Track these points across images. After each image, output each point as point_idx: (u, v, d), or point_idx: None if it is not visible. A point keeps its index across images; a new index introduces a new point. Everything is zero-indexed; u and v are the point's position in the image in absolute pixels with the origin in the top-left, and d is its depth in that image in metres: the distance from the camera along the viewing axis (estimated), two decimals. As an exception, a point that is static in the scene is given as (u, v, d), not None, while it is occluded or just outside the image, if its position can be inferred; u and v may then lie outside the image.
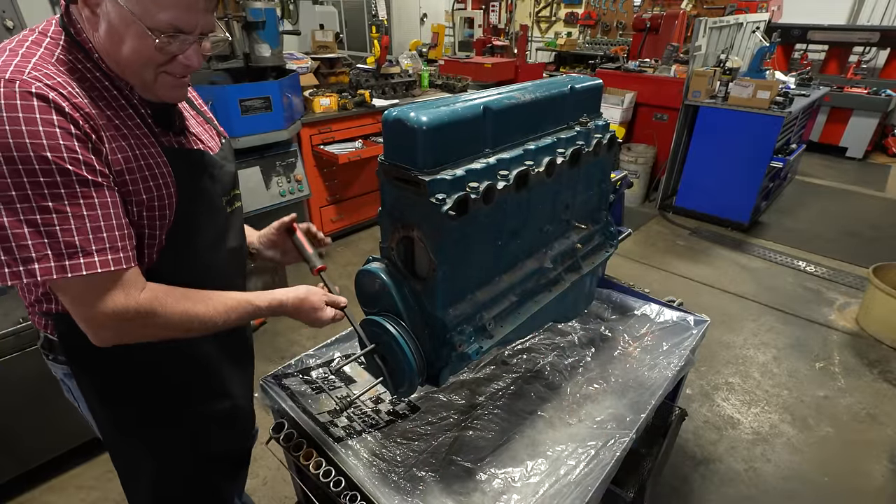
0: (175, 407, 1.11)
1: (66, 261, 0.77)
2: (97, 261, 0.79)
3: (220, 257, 1.09)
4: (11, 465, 2.00)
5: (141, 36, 0.80)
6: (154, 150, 0.91)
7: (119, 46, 0.82)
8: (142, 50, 0.82)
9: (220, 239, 1.08)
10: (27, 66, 0.77)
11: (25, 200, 0.74)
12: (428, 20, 8.81)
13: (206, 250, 1.04)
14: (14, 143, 0.72)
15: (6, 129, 0.72)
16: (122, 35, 0.81)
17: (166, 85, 0.89)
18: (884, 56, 6.89)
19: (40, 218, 0.75)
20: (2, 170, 0.72)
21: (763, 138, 4.15)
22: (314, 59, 4.16)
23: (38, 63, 0.78)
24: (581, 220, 1.36)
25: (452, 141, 0.92)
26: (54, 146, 0.75)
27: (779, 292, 3.63)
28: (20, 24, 3.98)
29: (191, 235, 1.00)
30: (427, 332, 1.02)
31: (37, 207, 0.75)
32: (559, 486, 1.13)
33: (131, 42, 0.81)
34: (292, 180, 3.52)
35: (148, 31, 0.80)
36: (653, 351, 1.60)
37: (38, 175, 0.74)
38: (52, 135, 0.74)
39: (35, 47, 0.81)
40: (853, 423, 2.51)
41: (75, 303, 0.83)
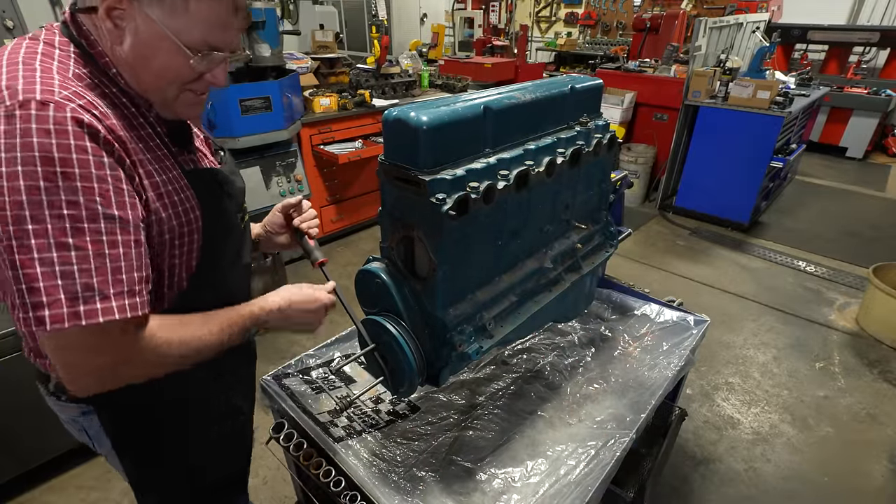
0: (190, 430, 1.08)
1: (79, 306, 0.69)
2: (114, 306, 0.72)
3: (238, 275, 1.08)
4: (11, 465, 2.00)
5: (174, 53, 0.77)
6: (176, 172, 0.87)
7: (147, 62, 0.78)
8: (173, 67, 0.79)
9: (238, 256, 1.06)
10: (54, 84, 0.70)
11: (42, 236, 0.67)
12: (428, 20, 8.82)
13: (228, 270, 1.02)
14: (42, 173, 0.66)
15: (35, 157, 0.65)
16: (153, 51, 0.77)
17: (186, 102, 0.86)
18: (884, 56, 6.89)
19: (56, 256, 0.67)
20: (22, 202, 0.65)
21: (763, 138, 4.15)
22: (314, 59, 4.16)
23: (61, 80, 0.72)
24: (581, 220, 1.36)
25: (453, 141, 0.92)
26: (85, 175, 0.68)
27: (779, 292, 3.63)
28: (20, 24, 3.98)
29: (216, 258, 0.96)
30: (427, 331, 1.02)
31: (54, 244, 0.67)
32: (559, 486, 1.13)
33: (162, 58, 0.78)
34: (292, 180, 3.52)
35: (183, 48, 0.77)
36: (653, 351, 1.60)
37: (62, 207, 0.67)
38: (84, 163, 0.69)
39: (48, 60, 0.74)
40: (853, 423, 2.51)
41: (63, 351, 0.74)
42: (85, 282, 0.69)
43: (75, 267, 0.69)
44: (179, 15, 0.75)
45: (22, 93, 0.67)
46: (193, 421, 1.07)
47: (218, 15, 0.78)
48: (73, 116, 0.69)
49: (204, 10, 0.76)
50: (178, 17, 0.75)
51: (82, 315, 0.69)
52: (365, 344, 1.08)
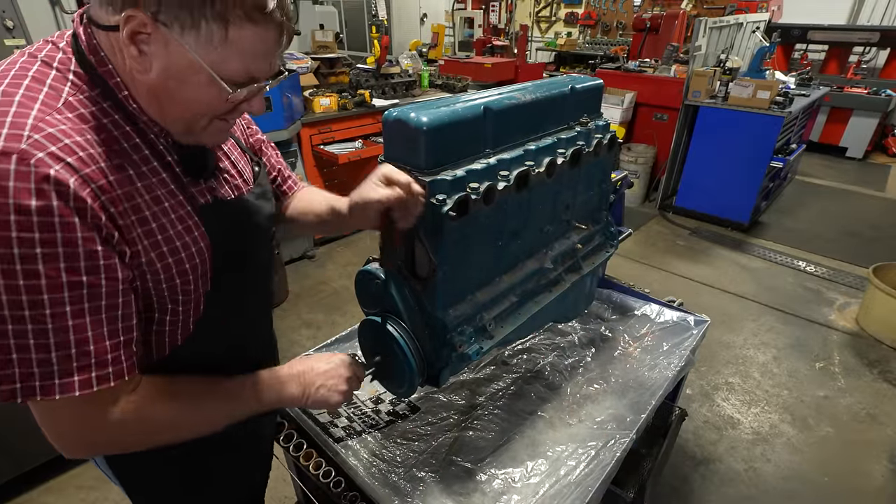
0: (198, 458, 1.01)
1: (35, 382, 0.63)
2: (76, 381, 0.65)
3: (262, 305, 1.02)
4: (10, 465, 2.00)
5: (207, 85, 0.67)
6: (183, 211, 0.76)
7: (173, 94, 0.68)
8: (204, 100, 0.69)
9: (262, 286, 0.99)
10: (25, 125, 0.60)
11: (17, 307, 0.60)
12: (428, 20, 8.82)
13: (250, 304, 0.95)
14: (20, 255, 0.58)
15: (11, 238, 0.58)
16: (182, 82, 0.67)
17: (215, 131, 0.77)
18: (884, 56, 6.89)
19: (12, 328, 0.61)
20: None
21: (763, 138, 4.15)
22: (314, 59, 4.16)
23: (40, 115, 0.62)
24: (581, 221, 1.36)
25: (453, 141, 0.92)
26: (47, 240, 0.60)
27: (779, 292, 3.63)
28: (20, 24, 3.98)
29: (229, 299, 0.87)
30: (427, 332, 1.02)
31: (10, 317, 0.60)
32: (559, 487, 1.13)
33: (192, 91, 0.68)
34: (292, 180, 3.52)
35: (219, 80, 0.67)
36: (653, 351, 1.60)
37: (18, 277, 0.59)
38: (47, 226, 0.59)
39: (36, 87, 0.65)
40: (853, 423, 2.51)
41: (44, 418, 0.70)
42: (40, 357, 0.63)
43: (31, 342, 0.62)
44: (217, 45, 0.64)
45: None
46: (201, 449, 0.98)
47: (262, 44, 0.68)
48: (38, 172, 0.58)
49: (248, 39, 0.66)
50: (215, 48, 0.65)
51: (37, 391, 0.64)
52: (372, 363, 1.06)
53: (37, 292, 0.61)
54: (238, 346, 0.97)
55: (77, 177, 0.61)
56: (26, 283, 0.60)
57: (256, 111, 0.77)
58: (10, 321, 0.61)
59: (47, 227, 0.59)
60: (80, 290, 0.63)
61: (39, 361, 0.63)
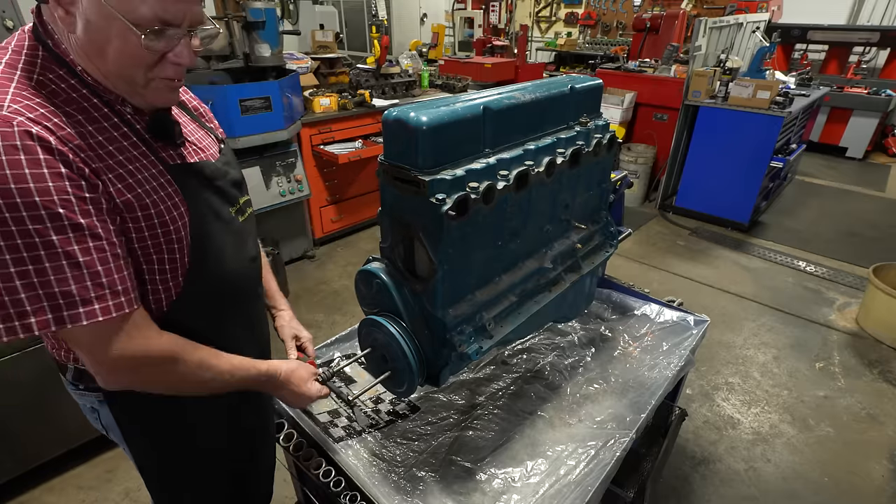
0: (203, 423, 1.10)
1: (63, 311, 0.73)
2: (97, 308, 0.75)
3: (242, 270, 1.06)
4: (11, 465, 2.00)
5: (124, 33, 0.72)
6: (156, 170, 0.84)
7: (102, 49, 0.74)
8: (127, 49, 0.74)
9: (240, 251, 1.04)
10: (5, 99, 0.69)
11: (15, 251, 0.68)
12: (428, 20, 8.82)
13: (229, 267, 1.00)
14: (23, 203, 0.67)
15: (11, 190, 0.66)
16: (104, 35, 0.72)
17: (158, 89, 0.82)
18: (884, 56, 6.89)
19: (33, 268, 0.70)
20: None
21: (763, 138, 4.15)
22: (314, 59, 4.16)
23: (16, 92, 0.70)
24: (581, 221, 1.36)
25: (452, 141, 0.92)
26: (43, 189, 0.68)
27: (779, 292, 3.63)
28: (20, 24, 3.98)
29: (210, 255, 0.94)
30: (427, 332, 1.02)
31: (28, 258, 0.69)
32: (559, 486, 1.13)
33: (115, 42, 0.73)
34: (292, 180, 3.52)
35: (132, 27, 0.71)
36: (653, 351, 1.60)
37: (27, 223, 0.68)
38: (40, 177, 0.68)
39: (9, 71, 0.73)
40: (853, 423, 2.51)
41: (85, 350, 0.80)
42: (64, 289, 0.72)
43: (52, 278, 0.71)
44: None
45: None
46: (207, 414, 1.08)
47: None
48: (22, 130, 0.67)
49: None
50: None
51: (67, 320, 0.73)
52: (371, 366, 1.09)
53: (45, 234, 0.69)
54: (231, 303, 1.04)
55: (55, 137, 0.70)
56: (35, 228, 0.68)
57: (186, 61, 0.81)
58: (29, 262, 0.69)
59: (40, 177, 0.68)
60: (82, 231, 0.72)
61: (63, 293, 0.72)
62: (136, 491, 2.09)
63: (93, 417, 1.07)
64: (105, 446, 2.23)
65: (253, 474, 1.30)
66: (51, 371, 1.09)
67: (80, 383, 0.99)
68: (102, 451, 2.23)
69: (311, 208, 3.93)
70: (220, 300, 1.01)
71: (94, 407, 1.02)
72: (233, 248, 1.01)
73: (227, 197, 1.00)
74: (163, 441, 1.06)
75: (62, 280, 0.72)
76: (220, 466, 1.17)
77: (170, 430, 1.05)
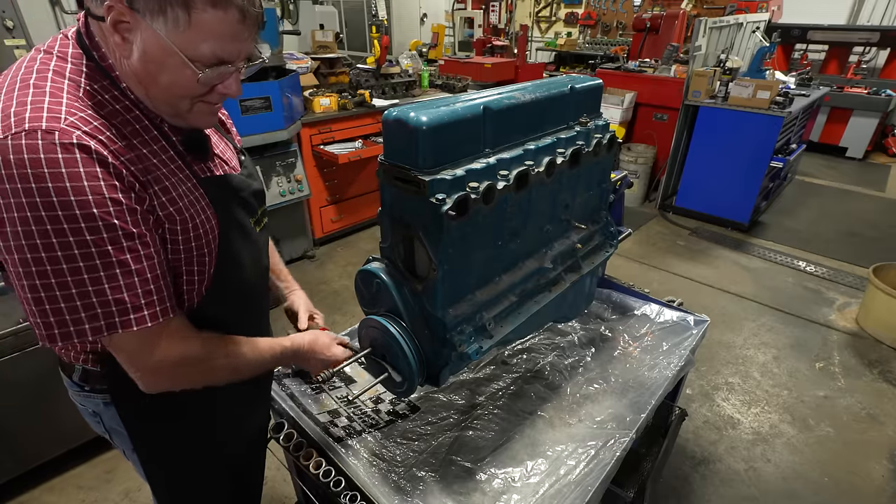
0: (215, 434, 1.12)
1: (115, 318, 0.76)
2: (146, 314, 0.78)
3: (257, 280, 1.08)
4: (11, 464, 2.00)
5: (181, 67, 0.74)
6: (191, 184, 0.87)
7: (154, 77, 0.76)
8: (180, 82, 0.76)
9: (257, 262, 1.06)
10: (61, 110, 0.71)
11: (73, 260, 0.71)
12: (428, 20, 8.82)
13: (249, 276, 1.03)
14: (59, 202, 0.68)
15: (49, 188, 0.67)
16: (159, 66, 0.74)
17: (200, 113, 0.84)
18: (884, 56, 6.89)
19: (88, 277, 0.72)
20: (47, 230, 0.69)
21: (763, 138, 4.15)
22: (314, 59, 4.16)
23: (70, 103, 0.72)
24: (581, 220, 1.36)
25: (452, 141, 0.92)
26: (100, 201, 0.71)
27: (779, 292, 3.63)
28: (20, 24, 3.98)
29: (234, 263, 0.97)
30: (427, 332, 1.02)
31: (84, 267, 0.72)
32: (559, 486, 1.13)
33: (169, 75, 0.75)
34: (292, 180, 3.52)
35: (189, 63, 0.74)
36: (653, 351, 1.60)
37: (85, 233, 0.70)
38: (97, 189, 0.70)
39: (59, 79, 0.74)
40: (853, 423, 2.51)
41: (129, 355, 0.82)
42: (117, 297, 0.75)
43: (106, 286, 0.74)
44: (183, 29, 0.72)
45: (28, 121, 0.68)
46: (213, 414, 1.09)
47: (225, 25, 0.74)
48: (79, 144, 0.69)
49: (209, 22, 0.72)
50: (182, 31, 0.72)
51: (118, 326, 0.76)
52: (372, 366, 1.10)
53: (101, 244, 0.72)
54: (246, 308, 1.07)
55: (108, 151, 0.73)
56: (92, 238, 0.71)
57: (234, 93, 0.84)
58: (84, 271, 0.72)
59: (96, 189, 0.70)
60: (133, 240, 0.75)
61: (116, 301, 0.75)
62: (135, 491, 2.09)
63: (94, 421, 1.06)
64: (105, 446, 2.23)
65: (255, 465, 1.32)
66: (50, 371, 1.09)
67: (86, 384, 0.98)
68: (102, 451, 2.23)
69: (311, 208, 3.93)
70: (234, 310, 1.02)
71: (96, 410, 1.02)
72: (251, 259, 1.03)
73: (250, 208, 1.03)
74: (171, 439, 1.05)
75: (115, 288, 0.75)
76: (223, 460, 1.18)
77: (178, 427, 1.04)
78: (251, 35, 0.78)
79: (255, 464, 1.34)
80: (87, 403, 1.02)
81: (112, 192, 0.72)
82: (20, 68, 0.75)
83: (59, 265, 0.71)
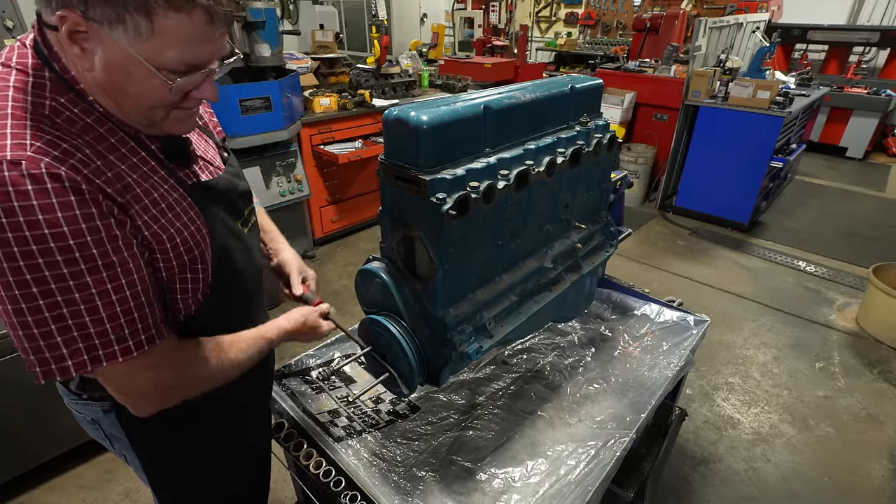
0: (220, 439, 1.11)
1: (99, 351, 0.72)
2: (131, 344, 0.75)
3: (255, 281, 1.07)
4: (11, 464, 2.00)
5: (148, 77, 0.69)
6: (177, 194, 0.82)
7: (122, 88, 0.70)
8: (150, 93, 0.71)
9: (250, 263, 1.04)
10: (25, 135, 0.65)
11: (49, 295, 0.67)
12: (428, 20, 8.82)
13: (244, 279, 1.02)
14: (32, 236, 0.64)
15: (21, 222, 0.63)
16: (125, 77, 0.69)
17: (176, 120, 0.79)
18: (884, 56, 6.89)
19: (67, 311, 0.69)
20: (20, 266, 0.64)
21: (763, 138, 4.15)
22: (314, 59, 4.16)
23: (35, 125, 0.66)
24: (581, 220, 1.36)
25: (453, 140, 0.92)
26: (76, 231, 0.66)
27: (779, 292, 3.63)
28: (20, 24, 3.98)
29: (230, 271, 0.95)
30: (427, 331, 1.02)
31: (63, 301, 0.68)
32: (559, 486, 1.13)
33: (137, 85, 0.70)
34: (292, 180, 3.52)
35: (157, 72, 0.68)
36: (653, 351, 1.60)
37: (62, 266, 0.66)
38: (72, 219, 0.66)
39: (20, 97, 0.68)
40: (853, 423, 2.51)
41: (116, 384, 0.80)
42: (99, 330, 0.72)
43: (87, 319, 0.70)
44: (146, 37, 0.66)
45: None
46: (213, 419, 1.07)
47: (191, 29, 0.68)
48: (49, 173, 0.64)
49: (173, 27, 0.66)
50: (145, 40, 0.66)
51: (103, 359, 0.73)
52: (362, 347, 1.09)
53: (79, 276, 0.68)
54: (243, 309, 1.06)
55: (81, 175, 0.67)
56: (70, 271, 0.67)
57: (209, 97, 0.79)
58: (63, 305, 0.68)
59: (71, 220, 0.66)
60: (114, 269, 0.71)
61: (98, 333, 0.72)
62: (135, 492, 2.09)
63: (92, 428, 1.03)
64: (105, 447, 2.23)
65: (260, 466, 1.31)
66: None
67: (83, 392, 0.95)
68: (102, 451, 2.23)
69: (311, 208, 3.93)
70: (232, 314, 1.01)
71: (94, 418, 0.99)
72: (245, 262, 1.01)
73: (236, 211, 1.00)
74: (174, 443, 1.04)
75: (97, 321, 0.71)
76: (227, 462, 1.17)
77: (181, 431, 1.03)
78: (221, 34, 0.73)
79: (260, 465, 1.33)
80: (84, 411, 0.99)
81: (88, 221, 0.67)
82: None
83: (34, 302, 0.67)
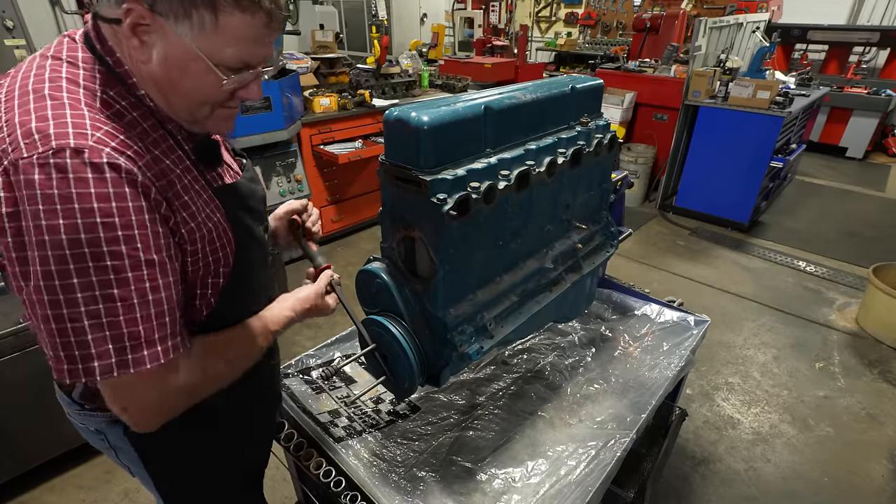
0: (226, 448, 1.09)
1: (128, 354, 0.69)
2: (159, 350, 0.72)
3: (265, 280, 1.05)
4: (11, 464, 2.00)
5: (205, 73, 0.71)
6: (206, 195, 0.83)
7: (176, 83, 0.73)
8: (203, 88, 0.73)
9: (265, 268, 1.03)
10: (85, 124, 0.65)
11: (88, 288, 0.65)
12: (428, 20, 8.82)
13: (257, 278, 1.00)
14: (83, 225, 0.63)
15: (75, 209, 0.62)
16: (182, 71, 0.71)
17: (219, 118, 0.81)
18: (884, 56, 6.89)
19: (103, 307, 0.66)
20: (65, 255, 0.63)
21: (763, 138, 4.15)
22: (314, 59, 4.16)
23: (92, 115, 0.67)
24: (582, 220, 1.36)
25: (453, 141, 0.92)
26: (126, 223, 0.66)
27: (779, 292, 3.63)
28: (20, 24, 3.97)
29: (246, 270, 0.93)
30: (428, 332, 1.02)
31: (101, 296, 0.66)
32: (559, 487, 1.13)
33: (192, 80, 0.72)
34: (292, 180, 3.52)
35: (214, 68, 0.71)
36: (653, 351, 1.60)
37: (106, 258, 0.65)
38: (124, 210, 0.65)
39: (74, 87, 0.69)
40: (853, 423, 2.51)
41: (121, 393, 0.74)
42: (131, 331, 0.69)
43: (122, 318, 0.68)
44: (209, 33, 0.68)
45: (54, 138, 0.63)
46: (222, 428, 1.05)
47: (252, 29, 0.71)
48: (110, 163, 0.65)
49: (236, 25, 0.69)
50: (208, 36, 0.69)
51: (130, 364, 0.69)
52: (365, 344, 1.08)
53: (121, 271, 0.67)
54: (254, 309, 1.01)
55: (137, 167, 0.68)
56: (113, 264, 0.66)
57: (255, 97, 0.81)
58: (100, 301, 0.66)
59: (124, 211, 0.66)
60: (153, 268, 0.70)
61: (130, 334, 0.69)
62: (135, 492, 2.09)
63: (97, 439, 1.00)
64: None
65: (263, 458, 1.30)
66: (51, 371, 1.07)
67: (86, 403, 0.93)
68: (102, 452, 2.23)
69: (311, 208, 3.93)
70: (244, 314, 0.99)
71: (99, 429, 0.96)
72: (261, 266, 1.00)
73: (258, 216, 0.99)
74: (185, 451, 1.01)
75: (131, 320, 0.68)
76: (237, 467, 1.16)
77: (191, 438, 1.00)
78: (274, 39, 0.76)
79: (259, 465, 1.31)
80: (87, 422, 0.96)
81: (138, 214, 0.67)
82: (28, 76, 0.69)
83: (72, 294, 0.65)
